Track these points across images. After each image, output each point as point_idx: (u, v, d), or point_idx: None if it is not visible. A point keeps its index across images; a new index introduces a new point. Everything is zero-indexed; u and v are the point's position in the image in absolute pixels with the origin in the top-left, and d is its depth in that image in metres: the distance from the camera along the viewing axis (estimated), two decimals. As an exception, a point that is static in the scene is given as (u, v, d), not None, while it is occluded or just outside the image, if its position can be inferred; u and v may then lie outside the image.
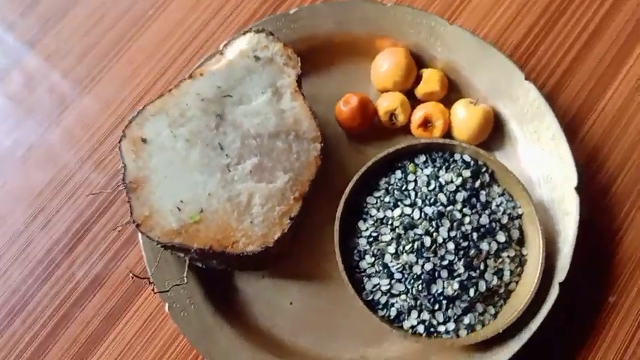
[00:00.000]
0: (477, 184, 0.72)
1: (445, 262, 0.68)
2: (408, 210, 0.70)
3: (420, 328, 0.68)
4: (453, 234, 0.69)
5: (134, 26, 0.89)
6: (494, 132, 0.78)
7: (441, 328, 0.68)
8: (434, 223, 0.69)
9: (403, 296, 0.68)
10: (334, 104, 0.80)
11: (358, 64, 0.83)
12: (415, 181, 0.72)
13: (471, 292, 0.68)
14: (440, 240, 0.68)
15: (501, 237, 0.70)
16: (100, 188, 0.80)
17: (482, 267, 0.69)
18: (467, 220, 0.70)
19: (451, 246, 0.68)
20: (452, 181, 0.71)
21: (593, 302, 0.75)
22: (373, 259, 0.70)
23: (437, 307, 0.68)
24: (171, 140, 0.68)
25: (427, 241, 0.68)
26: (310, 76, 0.82)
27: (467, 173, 0.72)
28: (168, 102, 0.70)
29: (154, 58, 0.87)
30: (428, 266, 0.68)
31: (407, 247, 0.69)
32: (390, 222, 0.71)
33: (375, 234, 0.71)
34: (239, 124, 0.71)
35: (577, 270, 0.71)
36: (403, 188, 0.72)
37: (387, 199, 0.72)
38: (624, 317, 0.74)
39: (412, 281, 0.68)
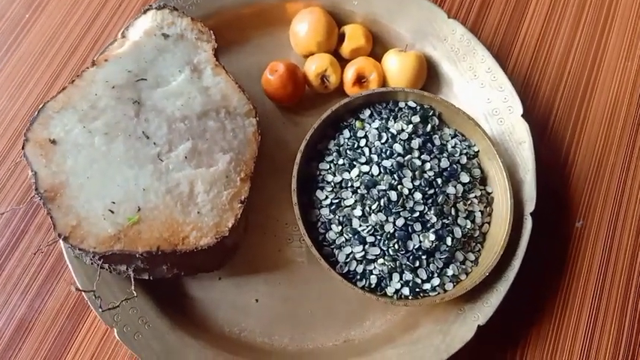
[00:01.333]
0: (429, 128, 0.68)
1: (416, 214, 0.63)
2: (365, 168, 0.65)
3: (405, 291, 0.63)
4: (417, 183, 0.64)
5: (11, 34, 0.77)
6: (429, 77, 0.75)
7: (427, 286, 0.63)
8: (395, 175, 0.64)
9: (380, 260, 0.62)
10: (258, 80, 0.73)
11: (273, 34, 0.77)
12: (366, 136, 0.67)
13: (448, 240, 0.63)
14: (406, 192, 0.63)
15: (465, 177, 0.66)
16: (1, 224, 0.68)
17: (453, 212, 0.64)
18: (427, 166, 0.65)
19: (418, 196, 0.63)
20: (403, 130, 0.66)
21: (563, 229, 0.72)
22: (340, 227, 0.64)
23: (417, 263, 0.63)
24: (86, 136, 0.58)
25: (393, 195, 0.63)
26: (225, 54, 0.75)
27: (416, 119, 0.67)
28: (74, 94, 0.60)
29: (41, 65, 0.76)
30: (400, 222, 0.62)
31: (374, 207, 0.63)
32: (349, 184, 0.65)
33: (336, 200, 0.64)
34: (161, 108, 0.62)
35: (539, 199, 0.68)
36: (355, 147, 0.66)
37: (340, 162, 0.66)
38: (594, 241, 0.72)
39: (387, 241, 0.62)
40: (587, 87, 0.78)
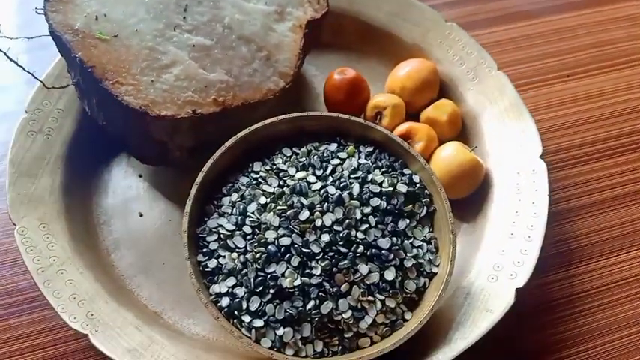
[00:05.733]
0: (406, 209, 0.55)
1: (306, 251, 0.51)
2: (312, 179, 0.55)
3: (224, 301, 0.51)
4: (337, 228, 0.52)
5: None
6: (477, 193, 0.62)
7: (245, 318, 0.50)
8: (325, 205, 0.53)
9: (235, 254, 0.52)
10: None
11: (384, 66, 0.73)
12: (343, 161, 0.58)
13: (310, 303, 0.50)
14: (318, 223, 0.52)
15: (390, 275, 0.52)
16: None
17: (343, 288, 0.51)
18: (364, 227, 0.53)
19: (325, 238, 0.52)
20: (380, 184, 0.55)
21: None
22: (239, 200, 0.55)
23: (259, 289, 0.50)
24: (145, -33, 0.63)
25: (304, 214, 0.52)
26: (332, 50, 0.75)
27: (402, 189, 0.55)
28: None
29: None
30: (284, 241, 0.51)
31: (278, 208, 0.53)
32: (285, 177, 0.56)
33: (261, 180, 0.56)
34: (221, 6, 0.64)
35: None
36: (325, 158, 0.57)
37: (301, 159, 0.58)
38: None
39: (256, 244, 0.52)
40: None
